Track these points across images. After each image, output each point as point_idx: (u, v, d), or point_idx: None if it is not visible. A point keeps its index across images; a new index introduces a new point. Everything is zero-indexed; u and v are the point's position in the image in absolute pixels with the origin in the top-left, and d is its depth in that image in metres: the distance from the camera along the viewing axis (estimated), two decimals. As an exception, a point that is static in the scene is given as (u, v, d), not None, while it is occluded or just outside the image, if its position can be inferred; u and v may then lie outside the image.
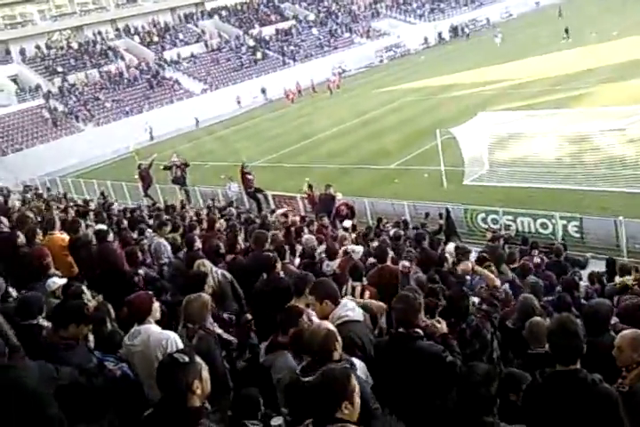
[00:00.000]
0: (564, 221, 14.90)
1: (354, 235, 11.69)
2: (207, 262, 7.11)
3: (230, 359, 5.64)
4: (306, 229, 11.53)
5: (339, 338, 3.90)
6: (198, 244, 8.41)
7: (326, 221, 13.28)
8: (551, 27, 50.80)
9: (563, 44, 43.85)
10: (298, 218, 14.30)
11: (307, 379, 3.66)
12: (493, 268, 7.80)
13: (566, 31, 45.42)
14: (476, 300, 6.23)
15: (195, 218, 12.88)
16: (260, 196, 21.12)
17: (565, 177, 17.76)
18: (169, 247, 9.23)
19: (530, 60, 39.97)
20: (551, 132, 19.93)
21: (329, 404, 3.13)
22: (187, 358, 3.30)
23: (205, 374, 3.38)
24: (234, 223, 10.22)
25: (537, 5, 70.01)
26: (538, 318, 5.19)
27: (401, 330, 4.45)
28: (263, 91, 48.57)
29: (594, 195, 16.71)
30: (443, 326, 4.83)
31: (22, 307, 5.58)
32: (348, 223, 12.99)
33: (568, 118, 20.40)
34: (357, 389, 3.21)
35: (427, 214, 15.60)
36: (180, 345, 4.80)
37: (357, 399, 3.20)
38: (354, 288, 6.90)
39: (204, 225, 10.43)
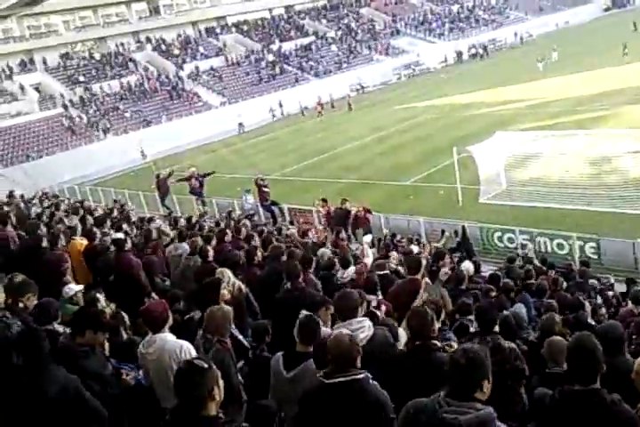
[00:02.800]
0: (581, 242, 14.78)
1: (374, 249, 11.62)
2: (228, 273, 7.09)
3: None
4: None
5: (360, 348, 3.91)
6: (212, 254, 8.42)
7: (342, 235, 13.25)
8: (572, 48, 50.84)
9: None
10: (318, 234, 14.25)
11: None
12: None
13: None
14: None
15: (214, 228, 12.92)
16: (275, 208, 21.16)
17: (584, 198, 17.63)
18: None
19: (551, 81, 39.95)
20: (570, 153, 19.85)
21: (471, 382, 3.15)
22: (206, 365, 3.30)
23: (221, 381, 3.37)
24: (251, 234, 10.18)
25: (557, 27, 70.21)
26: (557, 337, 5.12)
27: (418, 343, 4.47)
28: (280, 105, 48.86)
29: (612, 216, 16.57)
30: (455, 346, 4.81)
31: (39, 311, 5.61)
32: (368, 238, 12.93)
33: (587, 139, 20.34)
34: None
35: (442, 232, 15.52)
36: (194, 354, 4.80)
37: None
38: (369, 302, 6.85)
39: (228, 236, 10.41)
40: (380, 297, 7.35)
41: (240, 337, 5.56)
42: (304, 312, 5.11)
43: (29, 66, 49.74)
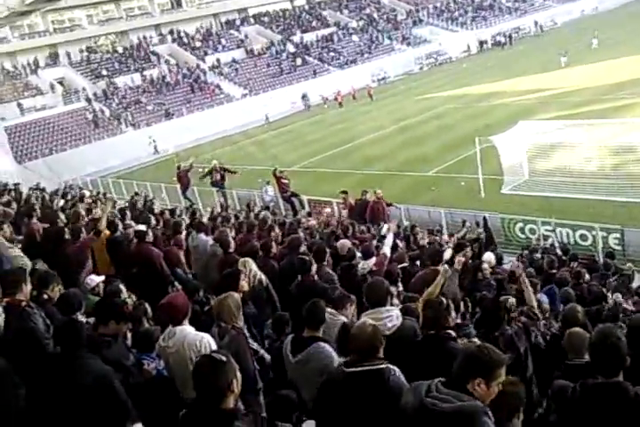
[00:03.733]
0: (605, 233, 14.58)
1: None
2: (250, 263, 7.13)
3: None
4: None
5: (383, 338, 3.91)
6: (233, 245, 8.48)
7: (362, 227, 13.25)
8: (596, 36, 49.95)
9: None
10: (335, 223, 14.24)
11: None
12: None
13: None
14: (513, 300, 6.12)
15: (233, 221, 12.99)
16: (294, 200, 21.21)
17: (607, 188, 17.39)
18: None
19: (575, 69, 39.36)
20: (594, 143, 19.57)
21: (465, 371, 3.17)
22: (224, 358, 3.31)
23: (239, 373, 3.38)
24: (271, 225, 10.21)
25: (582, 13, 68.96)
26: (577, 329, 5.08)
27: (431, 332, 4.50)
28: (304, 96, 48.79)
29: (636, 207, 16.32)
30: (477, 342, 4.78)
31: (63, 302, 5.71)
32: (385, 227, 12.87)
33: (611, 129, 20.03)
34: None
35: (463, 222, 15.42)
36: (214, 346, 4.83)
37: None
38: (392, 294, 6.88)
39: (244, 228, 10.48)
40: (401, 288, 7.37)
41: (255, 346, 5.57)
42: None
43: (54, 60, 50.26)
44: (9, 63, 49.28)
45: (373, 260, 8.18)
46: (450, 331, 4.52)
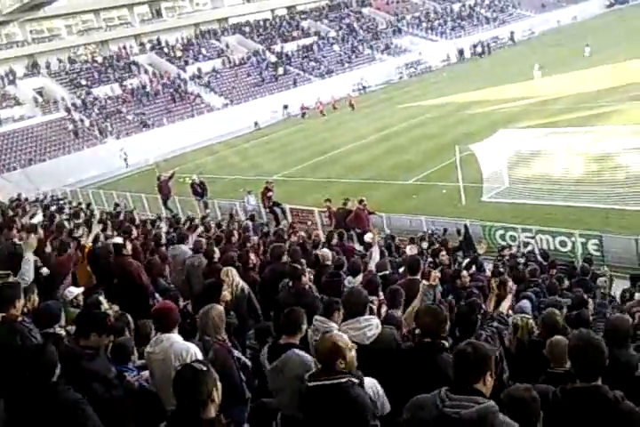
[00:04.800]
0: (584, 239, 14.76)
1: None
2: (233, 272, 7.12)
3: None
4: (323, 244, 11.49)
5: (346, 351, 3.88)
6: (217, 255, 8.47)
7: (345, 237, 13.24)
8: (573, 44, 50.77)
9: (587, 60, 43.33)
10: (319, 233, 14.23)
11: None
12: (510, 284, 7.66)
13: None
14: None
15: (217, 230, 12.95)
16: (277, 209, 21.20)
17: (586, 195, 17.61)
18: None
19: (554, 78, 39.90)
20: (573, 150, 19.81)
21: (473, 372, 3.23)
22: (204, 367, 3.32)
23: (219, 383, 3.39)
24: (247, 235, 10.21)
25: (558, 23, 70.03)
26: (559, 337, 5.12)
27: (427, 340, 4.47)
28: (285, 106, 48.86)
29: (615, 213, 16.54)
30: None
31: (39, 315, 5.64)
32: (368, 237, 12.89)
33: (590, 136, 20.31)
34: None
35: (445, 230, 15.52)
36: (200, 357, 4.81)
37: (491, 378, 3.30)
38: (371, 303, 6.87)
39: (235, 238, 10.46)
40: (382, 297, 7.36)
41: (236, 353, 5.54)
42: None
43: (32, 70, 49.88)
44: (-13, 73, 48.84)
45: (360, 277, 8.19)
46: (444, 341, 4.50)
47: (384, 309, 6.71)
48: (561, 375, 4.64)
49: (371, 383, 4.27)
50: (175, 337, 5.10)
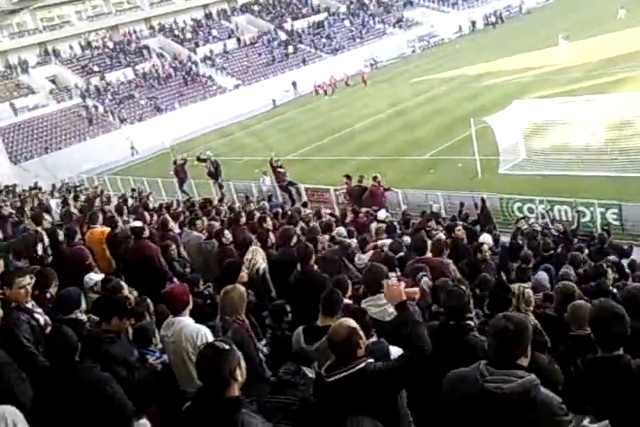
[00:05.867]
0: (603, 209, 14.58)
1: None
2: (260, 251, 7.15)
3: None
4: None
5: (362, 335, 3.85)
6: (229, 237, 8.51)
7: (361, 213, 13.26)
8: (588, 12, 49.64)
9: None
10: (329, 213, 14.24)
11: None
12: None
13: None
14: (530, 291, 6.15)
15: (229, 212, 12.99)
16: (292, 189, 21.21)
17: (604, 164, 17.34)
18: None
19: (568, 46, 39.09)
20: (590, 119, 19.49)
21: (517, 347, 3.19)
22: (227, 346, 3.31)
23: (243, 362, 3.38)
24: (264, 216, 10.22)
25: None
26: (580, 301, 5.11)
27: (452, 322, 4.43)
28: (294, 84, 48.59)
29: (634, 181, 16.28)
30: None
31: (61, 301, 5.76)
32: (382, 214, 12.89)
33: (607, 104, 19.92)
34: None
35: (461, 204, 15.42)
36: (211, 338, 4.86)
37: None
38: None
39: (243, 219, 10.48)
40: (399, 274, 7.37)
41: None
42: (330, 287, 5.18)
43: (45, 58, 49.98)
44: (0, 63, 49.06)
45: (370, 254, 8.20)
46: (469, 322, 4.45)
47: (402, 284, 6.70)
48: (584, 338, 4.65)
49: (397, 352, 4.28)
50: (186, 320, 5.16)
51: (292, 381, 4.47)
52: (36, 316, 5.38)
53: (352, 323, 3.92)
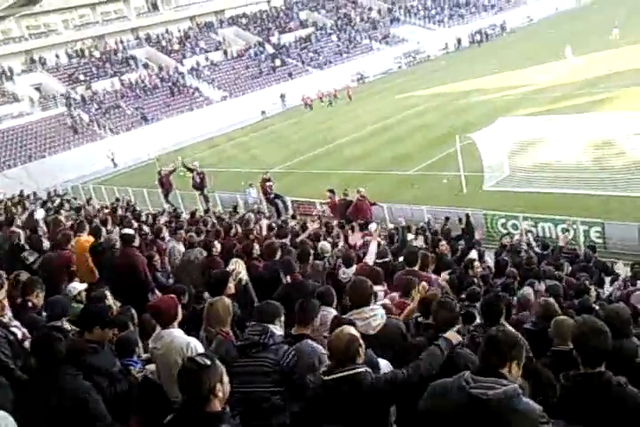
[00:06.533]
0: (586, 227, 14.73)
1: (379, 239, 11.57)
2: (241, 263, 7.12)
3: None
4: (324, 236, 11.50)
5: (362, 343, 3.89)
6: (218, 247, 8.47)
7: (346, 228, 13.26)
8: (574, 31, 50.50)
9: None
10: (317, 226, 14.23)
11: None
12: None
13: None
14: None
15: (217, 223, 12.95)
16: (278, 202, 21.19)
17: (588, 182, 17.54)
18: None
19: (552, 65, 39.70)
20: (573, 137, 19.73)
21: (500, 356, 3.24)
22: (208, 362, 3.29)
23: (226, 377, 3.37)
24: (251, 228, 10.21)
25: (556, 10, 69.63)
26: (563, 317, 5.13)
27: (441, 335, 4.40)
28: (282, 97, 48.77)
29: (617, 200, 16.50)
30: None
31: (49, 308, 5.71)
32: (373, 226, 12.88)
33: (591, 123, 20.18)
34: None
35: (446, 219, 15.50)
36: (201, 350, 4.83)
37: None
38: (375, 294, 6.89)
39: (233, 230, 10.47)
40: (386, 287, 7.37)
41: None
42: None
43: (30, 66, 49.71)
44: (-16, 70, 48.65)
45: (354, 268, 8.19)
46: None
47: (388, 299, 6.71)
48: (567, 353, 4.64)
49: (385, 365, 4.35)
50: (175, 332, 5.11)
51: (260, 341, 4.46)
52: (13, 330, 5.32)
53: (353, 331, 3.96)
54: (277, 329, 4.57)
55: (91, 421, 4.16)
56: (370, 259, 8.27)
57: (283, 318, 4.78)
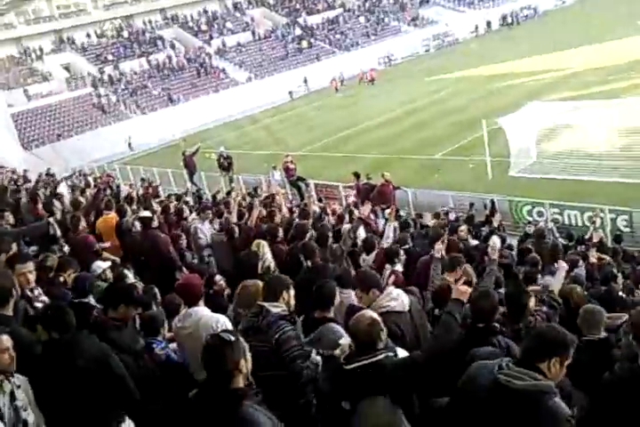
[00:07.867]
0: (613, 215, 14.49)
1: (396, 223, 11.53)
2: (264, 246, 7.16)
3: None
4: (347, 218, 11.44)
5: (383, 327, 3.87)
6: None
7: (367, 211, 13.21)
8: (606, 15, 49.26)
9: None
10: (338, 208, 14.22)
11: None
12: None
13: None
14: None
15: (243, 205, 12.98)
16: (301, 184, 21.17)
17: (616, 170, 17.21)
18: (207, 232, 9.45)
19: (585, 49, 38.86)
20: (602, 124, 19.35)
21: (540, 349, 3.16)
22: (232, 337, 3.32)
23: (248, 354, 3.39)
24: (273, 210, 10.20)
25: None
26: (591, 305, 5.08)
27: (480, 325, 4.30)
28: (305, 80, 48.54)
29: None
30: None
31: (76, 285, 5.82)
32: (388, 212, 12.80)
33: (621, 109, 19.76)
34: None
35: (471, 205, 15.38)
36: (230, 327, 4.87)
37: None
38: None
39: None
40: (397, 268, 7.30)
41: None
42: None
43: (59, 46, 50.11)
44: (15, 49, 49.06)
45: (374, 254, 8.18)
46: (496, 324, 4.36)
47: (392, 278, 6.64)
48: (597, 343, 4.71)
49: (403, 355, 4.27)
50: (203, 310, 5.16)
51: (253, 325, 4.47)
52: (36, 304, 5.39)
53: (374, 314, 3.96)
54: (275, 306, 4.53)
55: (115, 381, 4.27)
56: (386, 242, 8.27)
57: (292, 292, 4.72)
